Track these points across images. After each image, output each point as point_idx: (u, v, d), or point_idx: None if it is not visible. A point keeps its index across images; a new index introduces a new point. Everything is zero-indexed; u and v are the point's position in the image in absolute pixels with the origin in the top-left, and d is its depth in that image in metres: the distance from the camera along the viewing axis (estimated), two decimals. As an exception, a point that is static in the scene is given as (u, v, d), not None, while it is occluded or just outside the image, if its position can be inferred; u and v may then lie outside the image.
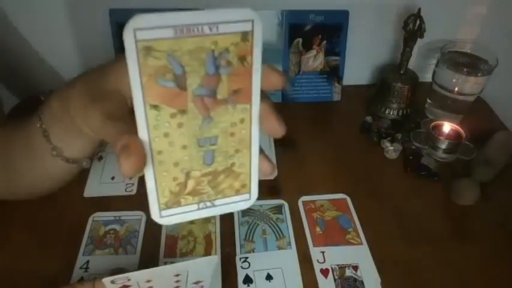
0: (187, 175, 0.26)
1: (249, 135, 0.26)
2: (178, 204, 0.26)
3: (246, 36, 0.23)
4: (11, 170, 0.42)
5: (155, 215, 0.26)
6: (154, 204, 0.26)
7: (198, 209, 0.27)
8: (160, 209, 0.26)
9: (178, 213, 0.27)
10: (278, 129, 0.27)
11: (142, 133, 0.23)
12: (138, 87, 0.22)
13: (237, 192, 0.28)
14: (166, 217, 0.26)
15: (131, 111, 0.23)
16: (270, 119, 0.26)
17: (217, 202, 0.27)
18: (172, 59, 0.22)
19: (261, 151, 0.27)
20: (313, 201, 0.58)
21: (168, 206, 0.26)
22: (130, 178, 0.25)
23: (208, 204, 0.27)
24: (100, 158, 0.62)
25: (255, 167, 0.27)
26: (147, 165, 0.24)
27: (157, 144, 0.24)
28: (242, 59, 0.23)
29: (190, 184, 0.26)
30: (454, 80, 0.67)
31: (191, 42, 0.22)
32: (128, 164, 0.23)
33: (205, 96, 0.24)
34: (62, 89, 0.35)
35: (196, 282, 0.34)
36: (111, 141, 0.26)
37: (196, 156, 0.25)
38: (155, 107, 0.23)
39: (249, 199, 0.28)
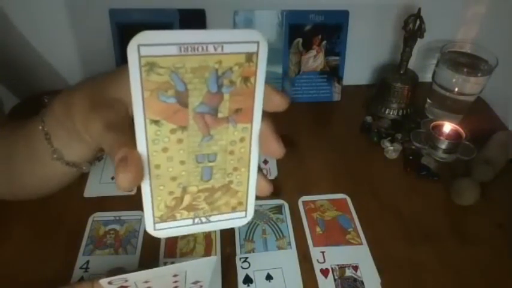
0: (184, 190, 0.26)
1: (248, 154, 0.26)
2: (173, 218, 0.26)
3: (250, 57, 0.23)
4: (12, 171, 0.42)
5: (150, 228, 0.26)
6: (149, 217, 0.26)
7: (193, 224, 0.27)
8: (155, 222, 0.26)
9: (173, 227, 0.27)
10: (277, 151, 0.27)
11: (141, 147, 0.24)
12: (139, 102, 0.22)
13: (233, 209, 0.28)
14: (160, 230, 0.26)
15: (132, 122, 0.23)
16: (269, 140, 0.26)
17: (212, 218, 0.27)
18: (175, 75, 0.22)
19: (259, 170, 0.27)
20: (313, 201, 0.58)
21: (163, 220, 0.26)
22: (126, 191, 0.25)
23: (204, 219, 0.27)
24: (100, 159, 0.62)
25: (252, 186, 0.27)
26: (143, 179, 0.24)
27: (156, 159, 0.24)
28: (245, 79, 0.23)
29: (187, 199, 0.26)
30: (454, 80, 0.67)
31: (195, 60, 0.22)
32: (124, 177, 0.23)
33: (206, 113, 0.24)
34: (65, 94, 0.35)
35: (195, 282, 0.34)
36: (109, 151, 0.26)
37: (194, 171, 0.25)
38: (155, 122, 0.23)
39: (244, 217, 0.29)
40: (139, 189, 0.25)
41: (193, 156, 0.25)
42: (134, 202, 0.56)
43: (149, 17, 0.67)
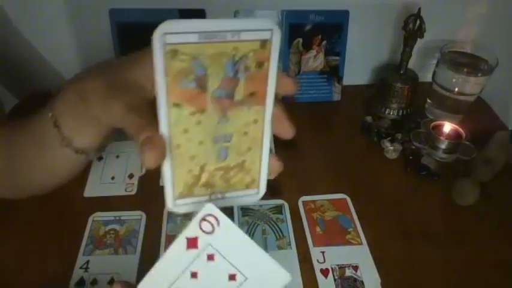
0: (202, 168, 0.27)
1: (261, 135, 0.28)
2: (191, 194, 0.28)
3: (264, 43, 0.24)
4: (20, 163, 0.42)
5: (170, 204, 0.28)
6: (170, 193, 0.27)
7: (210, 200, 0.28)
8: (175, 199, 0.28)
9: (191, 203, 0.28)
10: (289, 131, 0.29)
11: (163, 128, 0.25)
12: (163, 86, 0.24)
13: (247, 186, 0.29)
14: (179, 206, 0.28)
15: (150, 105, 0.25)
16: (281, 120, 0.29)
17: (227, 194, 0.29)
18: (196, 61, 0.24)
19: (271, 150, 0.29)
20: (313, 201, 0.58)
21: (182, 196, 0.28)
22: (148, 169, 0.26)
23: (219, 195, 0.29)
24: (100, 158, 0.62)
25: (264, 164, 0.29)
26: (165, 158, 0.26)
27: (176, 139, 0.26)
28: (260, 64, 0.25)
29: (204, 177, 0.28)
30: (454, 80, 0.67)
31: (214, 47, 0.23)
32: (150, 156, 0.25)
33: (224, 97, 0.25)
34: (78, 80, 0.36)
35: None
36: (133, 132, 0.27)
37: (211, 151, 0.27)
38: (177, 105, 0.25)
39: (257, 193, 0.30)
40: (139, 189, 0.26)
41: (210, 137, 0.26)
42: (134, 202, 0.56)
43: (149, 17, 0.67)
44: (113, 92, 0.31)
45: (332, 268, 0.50)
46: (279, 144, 0.65)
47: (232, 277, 0.27)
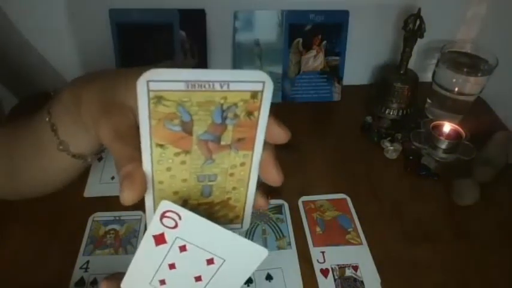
0: (185, 202, 0.27)
1: (247, 176, 0.27)
2: None
3: (255, 94, 0.24)
4: (17, 166, 0.42)
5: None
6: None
7: None
8: None
9: None
10: (276, 179, 0.28)
11: (147, 166, 0.25)
12: (147, 129, 0.24)
13: (231, 221, 0.29)
14: None
15: (137, 128, 0.25)
16: (269, 167, 0.28)
17: None
18: (182, 108, 0.23)
19: (257, 188, 0.29)
20: (313, 201, 0.58)
21: None
22: (128, 205, 0.26)
23: None
24: (100, 159, 0.62)
25: (249, 203, 0.29)
26: (147, 193, 0.26)
27: (159, 176, 0.26)
28: (249, 113, 0.24)
29: (187, 209, 0.27)
30: (454, 80, 0.67)
31: (201, 95, 0.23)
32: (129, 193, 0.25)
33: (210, 141, 0.25)
34: (75, 85, 0.35)
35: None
36: (116, 161, 0.27)
37: (194, 188, 0.27)
38: (161, 145, 0.24)
39: (240, 228, 0.30)
40: None
41: (194, 175, 0.26)
42: (134, 202, 0.56)
43: (149, 17, 0.67)
44: (105, 111, 0.30)
45: (332, 268, 0.50)
46: (279, 145, 0.65)
47: (210, 261, 0.26)
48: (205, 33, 0.70)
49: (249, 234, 0.53)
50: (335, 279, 0.49)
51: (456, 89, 0.67)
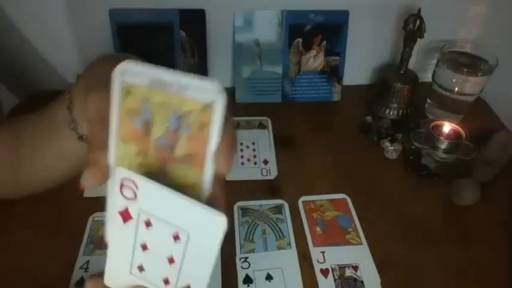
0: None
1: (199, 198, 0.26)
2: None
3: (206, 107, 0.23)
4: (24, 155, 0.42)
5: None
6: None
7: None
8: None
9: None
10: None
11: (111, 158, 0.27)
12: (116, 120, 0.25)
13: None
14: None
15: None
16: (217, 202, 0.26)
17: None
18: (146, 104, 0.24)
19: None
20: (313, 201, 0.58)
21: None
22: (82, 188, 0.27)
23: None
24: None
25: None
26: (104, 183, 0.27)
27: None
28: (201, 126, 0.24)
29: None
30: (454, 80, 0.67)
31: (162, 95, 0.24)
32: (89, 179, 0.27)
33: (164, 148, 0.25)
34: (91, 66, 0.37)
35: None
36: (91, 142, 0.29)
37: None
38: (125, 141, 0.26)
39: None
40: None
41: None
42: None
43: (149, 17, 0.67)
44: (98, 82, 0.31)
45: (332, 268, 0.50)
46: (279, 145, 0.65)
47: (176, 238, 0.26)
48: (205, 33, 0.70)
49: (249, 234, 0.53)
50: (335, 279, 0.49)
51: (456, 89, 0.67)
